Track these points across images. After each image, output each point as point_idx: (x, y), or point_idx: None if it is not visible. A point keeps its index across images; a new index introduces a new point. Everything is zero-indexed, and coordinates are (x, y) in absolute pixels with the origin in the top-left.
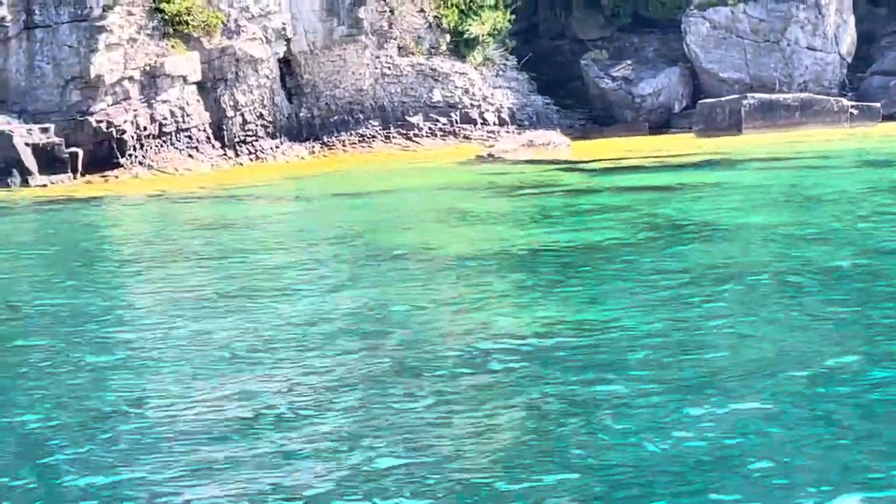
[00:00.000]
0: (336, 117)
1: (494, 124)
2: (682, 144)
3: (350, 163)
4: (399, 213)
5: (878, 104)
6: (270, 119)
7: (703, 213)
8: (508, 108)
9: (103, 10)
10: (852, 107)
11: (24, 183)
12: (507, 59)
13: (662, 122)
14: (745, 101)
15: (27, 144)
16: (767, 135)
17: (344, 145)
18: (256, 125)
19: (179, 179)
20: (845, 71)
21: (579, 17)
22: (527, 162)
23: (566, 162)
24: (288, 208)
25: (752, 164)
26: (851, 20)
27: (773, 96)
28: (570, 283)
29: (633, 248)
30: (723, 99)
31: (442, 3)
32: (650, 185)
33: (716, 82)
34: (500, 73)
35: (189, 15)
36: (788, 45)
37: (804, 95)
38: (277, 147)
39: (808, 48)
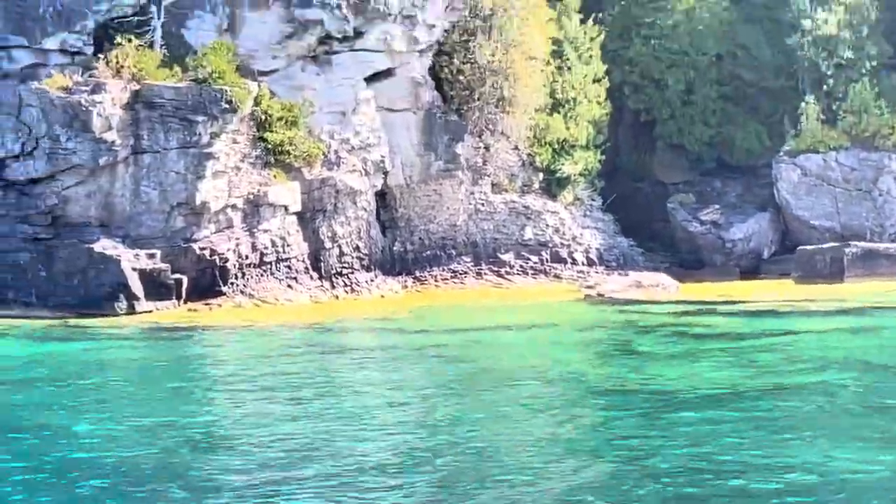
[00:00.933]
0: (429, 252)
1: (583, 264)
2: (789, 290)
3: (447, 299)
4: (539, 352)
5: None
6: (366, 252)
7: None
8: (596, 248)
9: (211, 138)
10: None
11: (131, 308)
12: (593, 200)
13: (752, 268)
14: (847, 250)
15: (134, 269)
16: (869, 283)
17: (436, 280)
18: (353, 257)
19: (280, 310)
20: None
21: (663, 160)
22: (645, 302)
23: (686, 303)
24: (410, 341)
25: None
26: None
27: (876, 245)
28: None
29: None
30: (824, 247)
31: (536, 141)
32: (792, 329)
33: (806, 229)
34: (588, 213)
35: (291, 145)
36: (880, 194)
37: None
38: (372, 280)
39: None
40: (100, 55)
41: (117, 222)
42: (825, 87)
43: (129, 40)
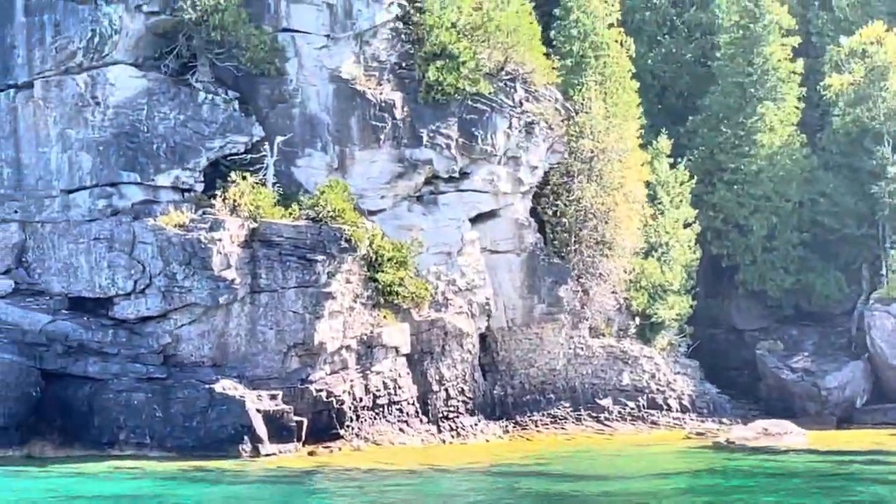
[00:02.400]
0: (528, 396)
1: (677, 411)
2: None
3: (557, 445)
4: None
5: None
6: (471, 395)
7: None
8: (688, 394)
9: (328, 277)
10: None
11: (255, 451)
12: (680, 346)
13: (846, 417)
14: None
15: (258, 411)
16: None
17: (536, 425)
18: (458, 401)
19: (395, 453)
20: None
21: (740, 306)
22: (786, 451)
23: (833, 452)
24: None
25: None
26: None
27: None
28: None
29: None
30: None
31: (632, 286)
32: None
33: None
34: (677, 359)
35: (401, 286)
36: None
37: None
38: (476, 424)
39: None
40: (210, 192)
41: (231, 362)
42: None
43: (244, 178)
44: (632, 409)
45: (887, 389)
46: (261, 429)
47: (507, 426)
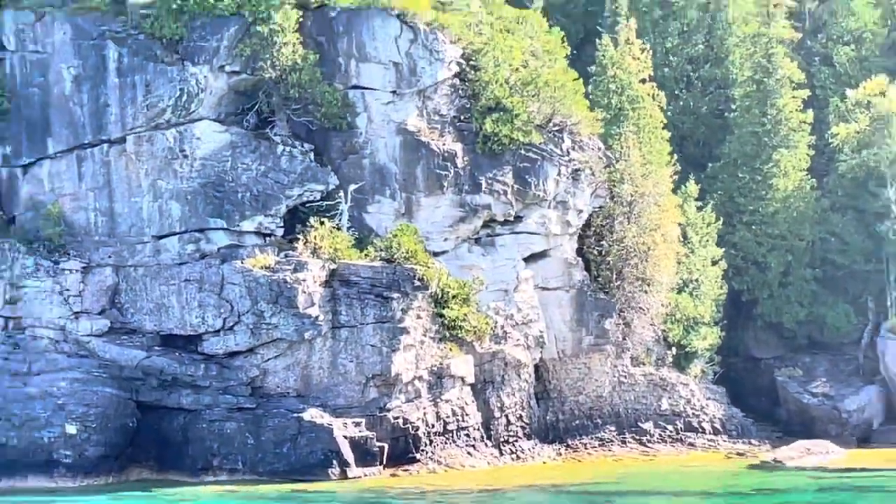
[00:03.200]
0: (577, 421)
1: (710, 433)
2: None
3: (609, 466)
4: None
5: None
6: (527, 421)
7: None
8: (719, 418)
9: (402, 313)
10: None
11: (343, 474)
12: (709, 374)
13: (864, 437)
14: None
15: (345, 437)
16: None
17: (585, 448)
18: (517, 426)
19: (466, 475)
20: None
21: (758, 336)
22: (823, 471)
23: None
24: None
25: None
26: None
27: None
28: None
29: None
30: None
31: (668, 318)
32: None
33: None
34: (707, 385)
35: (465, 321)
36: None
37: None
38: (532, 448)
39: None
40: (290, 236)
41: (314, 392)
42: None
43: (322, 223)
44: (671, 432)
45: None
46: (348, 453)
47: (559, 449)
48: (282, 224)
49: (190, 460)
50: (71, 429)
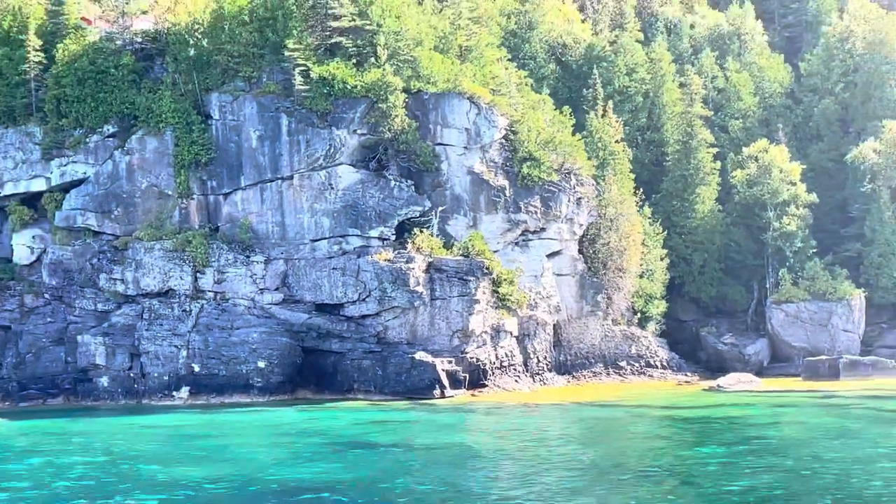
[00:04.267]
0: (579, 361)
1: (661, 368)
2: (814, 385)
3: (608, 389)
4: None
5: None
6: (550, 360)
7: None
8: (666, 359)
9: (474, 291)
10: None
11: (441, 394)
12: (657, 331)
13: (758, 372)
14: (840, 360)
15: (442, 370)
16: (860, 381)
17: (584, 378)
18: (543, 363)
19: (515, 395)
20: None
21: (684, 307)
22: (752, 392)
23: (791, 391)
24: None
25: None
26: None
27: (859, 357)
28: None
29: None
30: (823, 357)
31: (635, 294)
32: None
33: (787, 348)
34: (656, 338)
35: (511, 295)
36: (833, 327)
37: (874, 357)
38: (553, 377)
39: (843, 330)
40: (399, 240)
41: (418, 341)
42: (787, 263)
43: (421, 231)
44: (637, 367)
45: (780, 355)
46: (444, 380)
47: (568, 378)
48: (394, 232)
49: (338, 385)
50: (261, 364)
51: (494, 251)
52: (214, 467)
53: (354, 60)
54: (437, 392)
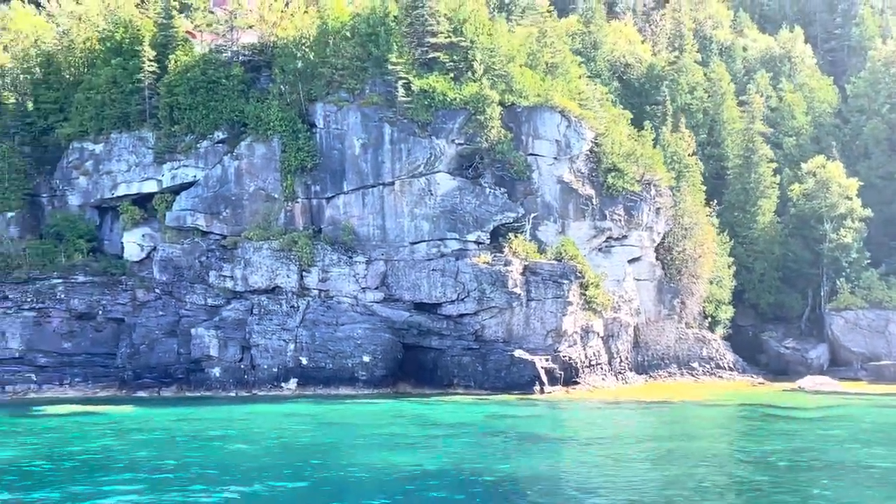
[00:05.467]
0: (655, 361)
1: (729, 370)
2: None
3: (689, 388)
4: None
5: None
6: (630, 360)
7: None
8: (732, 362)
9: (567, 292)
10: None
11: (541, 391)
12: (724, 334)
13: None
14: None
15: (542, 367)
16: None
17: (661, 377)
18: (624, 363)
19: (607, 392)
20: None
21: (745, 313)
22: (841, 394)
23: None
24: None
25: None
26: None
27: None
28: None
29: None
30: (888, 362)
31: (706, 299)
32: None
33: (846, 353)
34: (724, 341)
35: (598, 298)
36: (890, 334)
37: None
38: (632, 377)
39: None
40: (493, 244)
41: (514, 340)
42: (843, 273)
43: (516, 236)
44: (707, 368)
45: (839, 359)
46: (543, 377)
47: (645, 378)
48: (489, 237)
49: (438, 380)
50: (366, 358)
51: None
52: (415, 455)
53: (451, 74)
54: (536, 388)
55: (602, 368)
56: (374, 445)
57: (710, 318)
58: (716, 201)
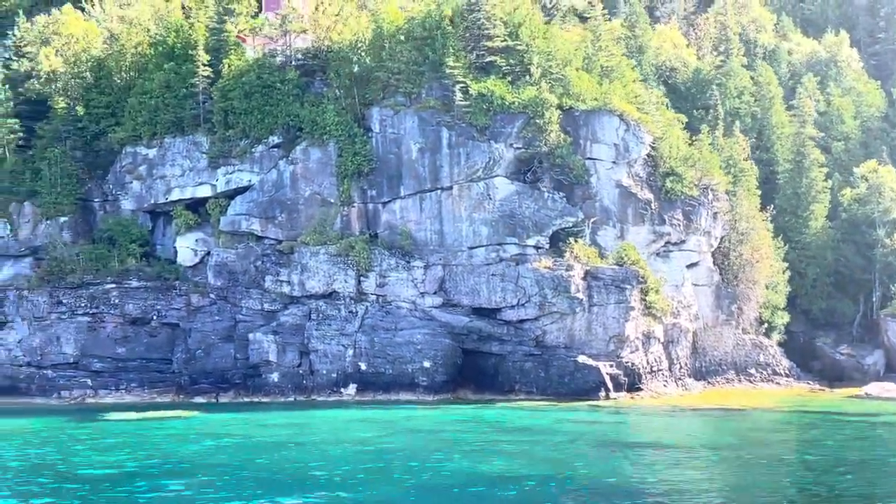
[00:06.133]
0: (713, 367)
1: (784, 376)
2: None
3: (750, 395)
4: None
5: None
6: (689, 366)
7: None
8: (788, 369)
9: (628, 297)
10: None
11: (606, 396)
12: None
13: (876, 381)
14: None
15: (606, 373)
16: None
17: (718, 384)
18: (685, 369)
19: (672, 399)
20: None
21: (796, 317)
22: None
23: None
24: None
25: None
26: None
27: None
28: None
29: None
30: None
31: (762, 305)
32: None
33: None
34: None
35: (656, 303)
36: None
37: None
38: (692, 383)
39: None
40: (552, 248)
41: (576, 345)
42: None
43: (577, 241)
44: (764, 374)
45: (895, 365)
46: (609, 383)
47: (704, 384)
48: (548, 242)
49: (499, 385)
50: (427, 364)
51: None
52: (503, 461)
53: (508, 78)
54: (602, 394)
55: (663, 374)
56: (459, 451)
57: (766, 324)
58: (771, 206)
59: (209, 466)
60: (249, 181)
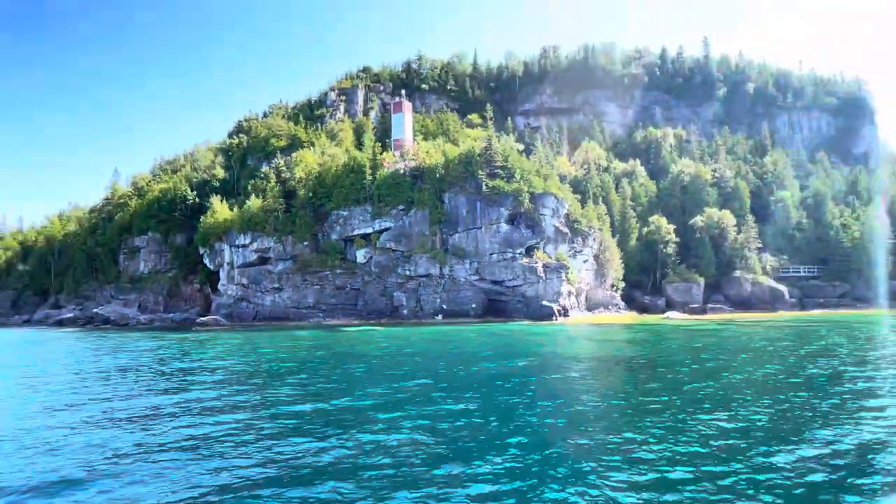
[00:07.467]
0: (594, 305)
1: (622, 309)
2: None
3: (607, 319)
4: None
5: None
6: (585, 305)
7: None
8: (623, 306)
9: (562, 275)
10: None
11: (555, 320)
12: None
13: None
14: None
15: (556, 309)
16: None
17: (598, 313)
18: (583, 307)
19: (579, 319)
20: None
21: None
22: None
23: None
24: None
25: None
26: None
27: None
28: None
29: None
30: (697, 305)
31: (615, 279)
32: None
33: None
34: None
35: (572, 278)
36: (697, 291)
37: None
38: (588, 313)
39: None
40: (528, 254)
41: (539, 297)
42: None
43: (538, 251)
44: (614, 309)
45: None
46: (556, 314)
47: (591, 314)
48: (525, 251)
49: (506, 315)
50: (473, 305)
51: None
52: (511, 345)
53: (504, 178)
54: (554, 318)
55: (577, 309)
56: (488, 337)
57: (614, 287)
58: (617, 235)
59: (423, 347)
60: (389, 226)
